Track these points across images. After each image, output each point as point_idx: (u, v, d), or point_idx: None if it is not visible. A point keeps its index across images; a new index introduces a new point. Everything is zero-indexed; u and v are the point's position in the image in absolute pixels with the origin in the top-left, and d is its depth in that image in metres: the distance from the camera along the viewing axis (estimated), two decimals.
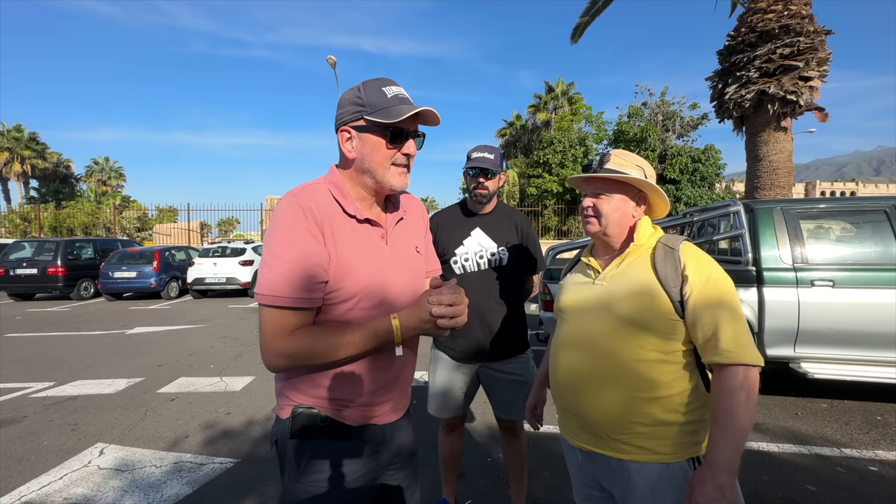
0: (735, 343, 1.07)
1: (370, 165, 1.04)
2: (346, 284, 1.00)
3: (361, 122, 1.02)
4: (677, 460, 1.13)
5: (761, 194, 8.33)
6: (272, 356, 0.96)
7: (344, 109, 1.04)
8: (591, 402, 1.20)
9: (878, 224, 3.61)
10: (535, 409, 1.60)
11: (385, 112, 1.01)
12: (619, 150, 1.33)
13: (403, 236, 1.15)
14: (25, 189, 41.15)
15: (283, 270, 0.95)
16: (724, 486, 1.01)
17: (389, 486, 1.16)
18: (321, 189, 1.04)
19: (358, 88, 1.04)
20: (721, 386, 1.07)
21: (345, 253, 1.00)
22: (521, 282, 2.14)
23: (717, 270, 1.15)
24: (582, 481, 1.32)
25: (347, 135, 1.04)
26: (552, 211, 21.92)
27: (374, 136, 1.03)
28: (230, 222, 42.27)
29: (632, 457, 1.15)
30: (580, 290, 1.30)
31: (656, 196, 1.28)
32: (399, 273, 1.09)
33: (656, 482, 1.13)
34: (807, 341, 3.52)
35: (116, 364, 5.47)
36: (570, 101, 27.54)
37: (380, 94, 1.02)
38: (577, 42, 11.63)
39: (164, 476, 2.80)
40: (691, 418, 1.14)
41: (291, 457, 1.05)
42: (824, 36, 8.14)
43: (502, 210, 2.14)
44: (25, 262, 11.53)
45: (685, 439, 1.14)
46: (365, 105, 1.01)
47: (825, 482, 2.63)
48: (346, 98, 1.05)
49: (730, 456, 1.03)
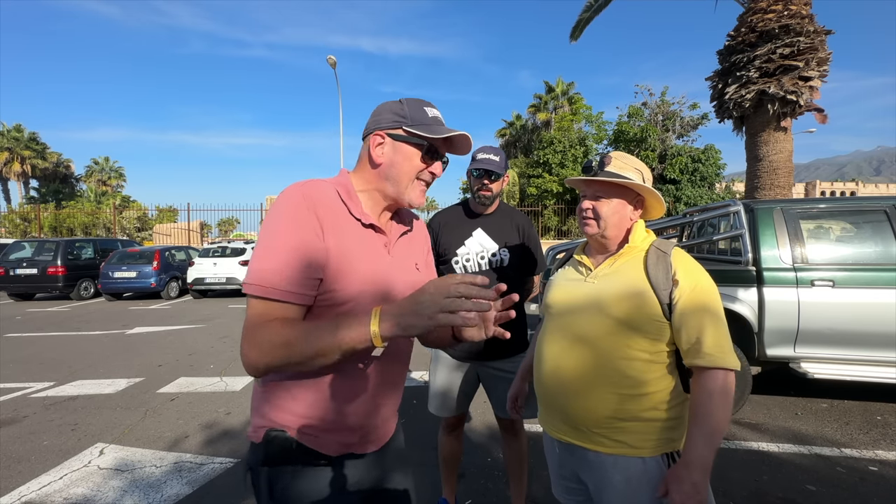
0: (717, 347, 1.12)
1: (397, 174, 1.04)
2: (343, 285, 0.96)
3: (400, 130, 1.03)
4: (654, 455, 1.17)
5: (761, 194, 8.33)
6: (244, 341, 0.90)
7: (381, 116, 1.04)
8: (574, 396, 1.23)
9: (878, 224, 3.61)
10: (515, 401, 1.64)
11: (426, 128, 1.03)
12: (619, 152, 1.35)
13: (406, 250, 1.14)
14: (25, 189, 41.16)
15: (275, 260, 0.91)
16: (698, 483, 1.06)
17: (386, 489, 1.15)
18: (328, 187, 1.01)
19: (400, 102, 1.05)
20: (701, 388, 1.12)
21: (344, 251, 0.96)
22: (521, 282, 2.14)
23: (705, 277, 1.20)
24: (561, 473, 1.37)
25: (380, 139, 1.04)
26: (552, 211, 21.92)
27: (409, 147, 1.03)
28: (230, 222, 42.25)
29: (610, 450, 1.19)
30: (571, 286, 1.33)
31: (653, 199, 1.30)
32: (398, 284, 1.06)
33: (632, 476, 1.17)
34: (807, 341, 3.52)
35: (116, 364, 5.47)
36: (570, 101, 27.55)
37: (421, 112, 1.04)
38: (577, 40, 11.63)
39: (164, 476, 2.80)
40: (670, 415, 1.18)
41: (265, 486, 0.98)
42: (824, 36, 8.14)
43: (504, 211, 2.14)
44: (25, 262, 11.53)
45: (663, 435, 1.18)
46: (406, 117, 1.03)
47: (825, 482, 2.64)
48: (385, 108, 1.05)
49: (706, 454, 1.07)
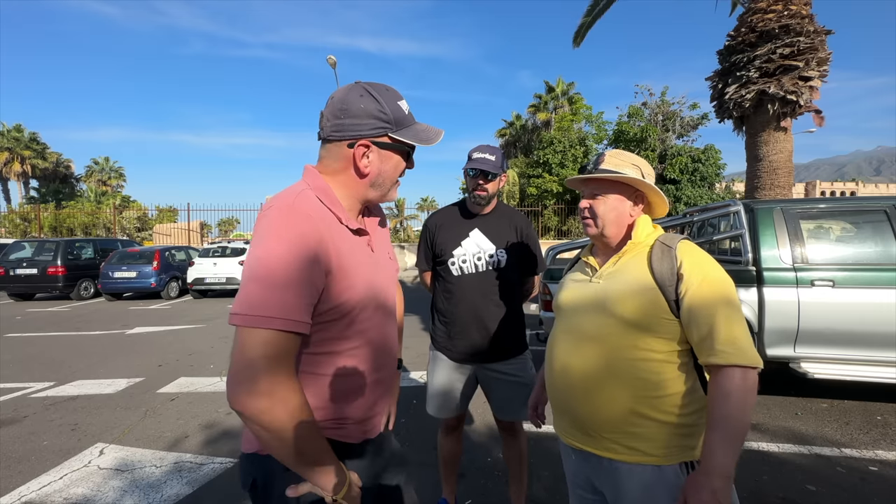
0: (731, 343, 1.03)
1: (384, 181, 1.02)
2: (348, 297, 0.95)
3: (385, 138, 0.98)
4: (670, 463, 1.11)
5: (761, 194, 8.32)
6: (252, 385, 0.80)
7: (362, 121, 0.96)
8: (583, 399, 1.19)
9: (878, 224, 3.61)
10: (536, 409, 1.59)
11: (412, 132, 0.99)
12: (615, 150, 1.32)
13: (381, 242, 1.14)
14: (25, 189, 41.14)
15: (279, 286, 0.83)
16: (718, 490, 0.98)
17: (387, 485, 1.15)
18: (311, 196, 0.95)
19: (376, 100, 0.96)
20: (717, 388, 1.03)
21: (344, 266, 0.94)
22: (519, 283, 2.13)
23: (715, 269, 1.12)
24: (576, 482, 1.32)
25: (365, 150, 0.98)
26: (552, 211, 21.91)
27: (395, 154, 1.01)
28: (230, 222, 42.27)
29: (623, 457, 1.14)
30: (577, 287, 1.31)
31: (654, 194, 1.27)
32: (384, 280, 1.08)
33: (648, 485, 1.11)
34: (807, 341, 3.52)
35: (116, 364, 5.47)
36: (570, 101, 27.53)
37: (399, 111, 0.99)
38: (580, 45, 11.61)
39: (164, 476, 2.80)
40: (686, 421, 1.12)
41: (280, 495, 0.92)
42: (824, 36, 8.13)
43: (502, 211, 2.12)
44: (25, 262, 11.54)
45: (679, 442, 1.12)
46: (390, 122, 0.97)
47: (825, 482, 2.63)
48: (363, 109, 0.96)
49: (725, 461, 0.99)
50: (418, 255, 2.22)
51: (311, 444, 0.86)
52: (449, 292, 2.06)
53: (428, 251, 2.15)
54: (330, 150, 1.00)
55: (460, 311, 2.03)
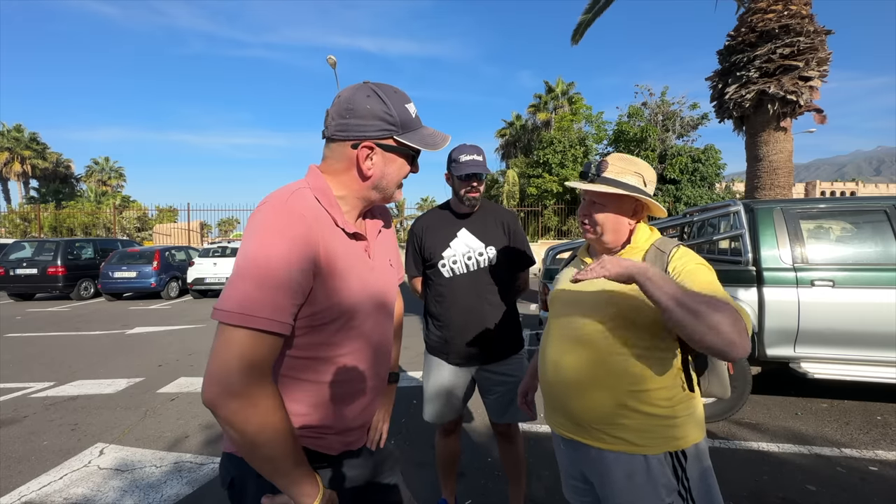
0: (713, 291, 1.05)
1: (387, 184, 1.00)
2: (338, 301, 0.92)
3: (390, 141, 0.96)
4: (654, 453, 1.16)
5: (761, 194, 8.32)
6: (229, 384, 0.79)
7: (367, 122, 0.94)
8: (574, 393, 1.23)
9: (878, 224, 3.61)
10: (525, 396, 1.62)
11: (418, 136, 0.98)
12: (618, 154, 1.32)
13: (382, 248, 1.11)
14: (25, 189, 41.16)
15: (267, 285, 0.81)
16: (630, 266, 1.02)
17: (380, 483, 1.15)
18: (308, 195, 0.93)
19: (383, 101, 0.95)
20: None
21: (336, 269, 0.92)
22: (511, 279, 2.11)
23: (699, 263, 1.17)
24: (569, 472, 1.37)
25: (369, 152, 0.96)
26: (552, 211, 21.92)
27: (399, 157, 1.00)
28: (230, 222, 42.27)
29: (610, 447, 1.18)
30: (571, 285, 1.33)
31: (654, 207, 1.29)
32: (380, 287, 1.05)
33: (633, 473, 1.16)
34: (807, 341, 3.52)
35: (116, 364, 5.47)
36: (570, 101, 27.56)
37: (406, 113, 0.97)
38: (579, 43, 11.61)
39: (164, 476, 2.80)
40: (672, 413, 1.17)
41: (254, 495, 0.91)
42: (824, 36, 8.13)
43: (487, 208, 2.10)
44: (25, 262, 11.54)
45: (665, 433, 1.17)
46: (396, 125, 0.95)
47: (825, 482, 2.63)
48: (368, 110, 0.94)
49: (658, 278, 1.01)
50: (406, 261, 2.15)
51: (283, 451, 0.84)
52: (441, 295, 2.04)
53: (417, 256, 2.12)
54: (334, 150, 0.98)
55: (455, 314, 2.01)
